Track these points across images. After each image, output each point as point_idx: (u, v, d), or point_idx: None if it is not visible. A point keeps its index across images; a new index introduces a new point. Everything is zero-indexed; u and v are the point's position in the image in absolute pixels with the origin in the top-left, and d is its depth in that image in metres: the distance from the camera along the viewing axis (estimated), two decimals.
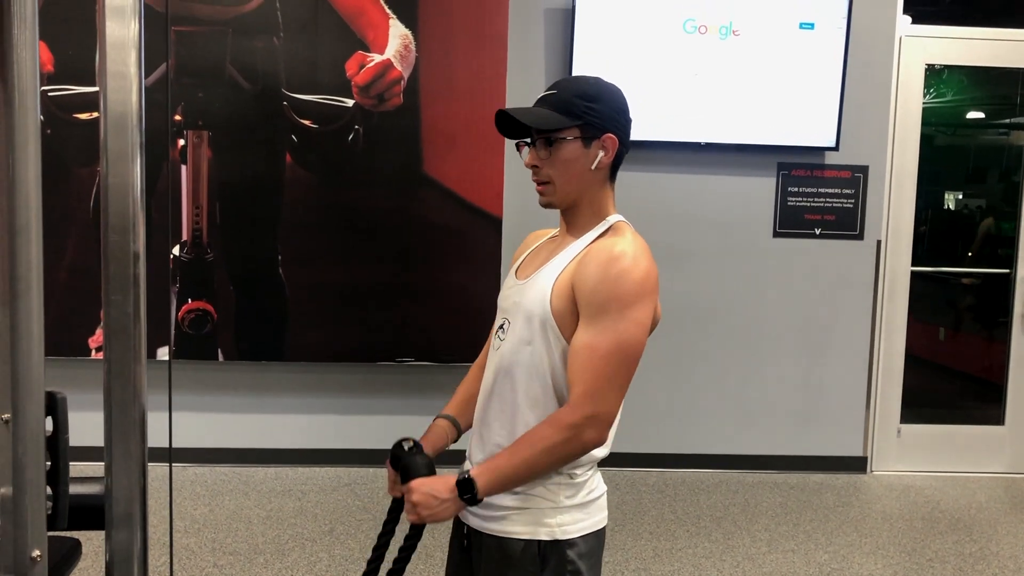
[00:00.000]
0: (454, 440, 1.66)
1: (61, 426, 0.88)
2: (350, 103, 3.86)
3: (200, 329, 3.91)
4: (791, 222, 4.22)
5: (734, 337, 4.26)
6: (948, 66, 4.38)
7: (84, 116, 3.79)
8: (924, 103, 4.31)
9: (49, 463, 0.87)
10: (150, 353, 3.80)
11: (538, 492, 1.46)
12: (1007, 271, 4.47)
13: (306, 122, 3.86)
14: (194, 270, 3.89)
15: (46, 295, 0.85)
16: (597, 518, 1.52)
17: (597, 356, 1.39)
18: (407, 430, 1.75)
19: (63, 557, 1.84)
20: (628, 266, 1.40)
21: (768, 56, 3.99)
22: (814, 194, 4.20)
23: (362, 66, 3.85)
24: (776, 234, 4.23)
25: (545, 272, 1.49)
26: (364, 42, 3.84)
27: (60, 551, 1.83)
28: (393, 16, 3.84)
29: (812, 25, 3.99)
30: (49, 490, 0.87)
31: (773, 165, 4.18)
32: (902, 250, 4.36)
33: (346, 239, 3.92)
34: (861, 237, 4.25)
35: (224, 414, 4.11)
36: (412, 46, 3.86)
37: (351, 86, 3.85)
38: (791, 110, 4.03)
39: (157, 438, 1.12)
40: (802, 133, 4.07)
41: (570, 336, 1.43)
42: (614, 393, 1.40)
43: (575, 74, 3.76)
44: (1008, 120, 4.56)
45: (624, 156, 1.53)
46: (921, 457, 4.44)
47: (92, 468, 1.10)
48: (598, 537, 1.53)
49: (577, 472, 1.49)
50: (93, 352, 3.87)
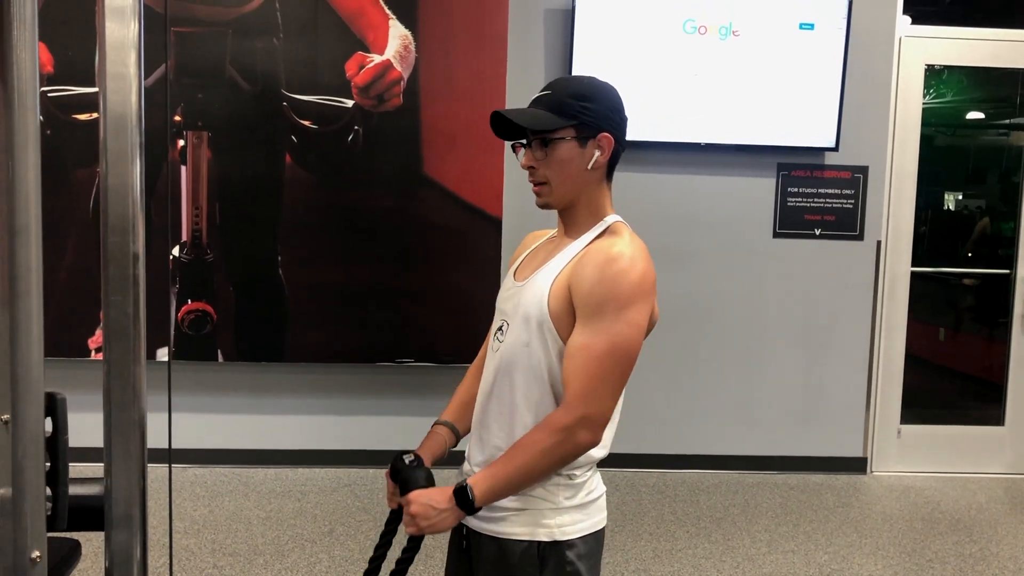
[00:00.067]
0: (453, 446, 1.66)
1: (61, 427, 0.88)
2: (350, 104, 3.86)
3: (200, 330, 3.91)
4: (791, 223, 4.22)
5: (734, 338, 4.26)
6: (948, 66, 4.38)
7: (84, 117, 3.79)
8: (924, 103, 4.31)
9: (49, 464, 0.87)
10: (150, 354, 3.81)
11: (537, 493, 1.46)
12: (1007, 271, 4.47)
13: (306, 123, 3.86)
14: (194, 271, 3.89)
15: (46, 296, 0.85)
16: (596, 519, 1.52)
17: (592, 357, 1.39)
18: (407, 430, 1.75)
19: (63, 558, 1.84)
20: (625, 267, 1.40)
21: (768, 56, 3.99)
22: (814, 195, 4.20)
23: (362, 67, 3.85)
24: (776, 235, 4.23)
25: (543, 274, 1.49)
26: (364, 43, 3.84)
27: (60, 552, 1.83)
28: (393, 17, 3.84)
29: (812, 25, 3.99)
30: (49, 491, 0.87)
31: (773, 165, 4.18)
32: (902, 250, 4.36)
33: (346, 240, 3.92)
34: (861, 238, 4.25)
35: (224, 415, 4.11)
36: (412, 47, 3.86)
37: (351, 87, 3.85)
38: (791, 110, 4.04)
39: (157, 439, 1.12)
40: (802, 133, 4.07)
41: (567, 337, 1.43)
42: (608, 394, 1.40)
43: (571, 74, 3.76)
44: (1008, 120, 4.56)
45: (620, 155, 1.52)
46: (921, 458, 4.44)
47: (92, 469, 1.10)
48: (597, 538, 1.52)
49: (576, 473, 1.48)
50: (93, 353, 3.87)
